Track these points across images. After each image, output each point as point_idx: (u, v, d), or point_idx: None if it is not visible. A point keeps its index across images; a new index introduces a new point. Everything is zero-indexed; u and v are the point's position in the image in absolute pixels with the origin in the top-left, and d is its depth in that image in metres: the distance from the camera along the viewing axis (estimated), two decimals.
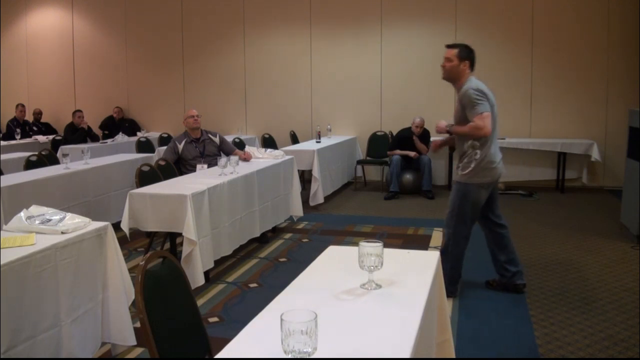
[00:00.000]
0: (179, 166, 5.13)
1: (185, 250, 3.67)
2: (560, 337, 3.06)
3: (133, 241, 4.95)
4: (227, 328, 3.24)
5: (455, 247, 3.68)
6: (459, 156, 3.67)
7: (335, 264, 2.18)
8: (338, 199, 7.18)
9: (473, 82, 3.53)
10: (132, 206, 3.85)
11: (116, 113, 9.40)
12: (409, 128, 7.40)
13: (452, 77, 3.65)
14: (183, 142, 5.22)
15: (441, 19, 8.07)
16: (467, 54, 3.62)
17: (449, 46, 3.71)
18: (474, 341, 3.06)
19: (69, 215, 2.72)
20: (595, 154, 7.22)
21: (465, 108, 3.48)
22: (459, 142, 3.66)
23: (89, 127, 7.97)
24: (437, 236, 5.27)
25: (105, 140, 8.08)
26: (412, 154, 7.28)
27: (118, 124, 9.27)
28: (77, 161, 5.31)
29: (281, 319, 1.27)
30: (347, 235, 5.32)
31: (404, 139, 7.39)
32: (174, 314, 1.87)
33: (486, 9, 7.90)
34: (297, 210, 5.53)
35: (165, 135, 8.41)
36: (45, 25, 10.05)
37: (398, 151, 7.35)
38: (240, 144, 7.14)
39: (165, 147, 5.67)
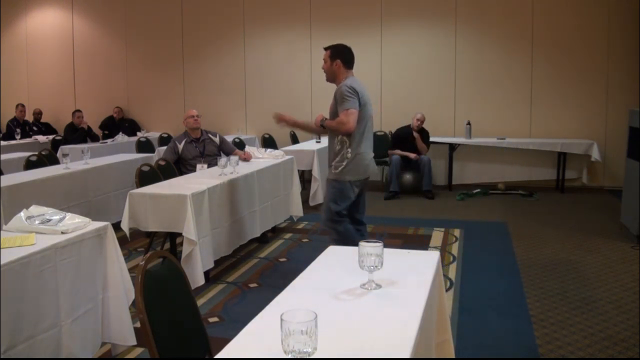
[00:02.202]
0: (179, 166, 5.13)
1: (185, 250, 3.67)
2: (560, 337, 3.06)
3: (133, 241, 4.95)
4: (227, 328, 3.24)
5: (344, 235, 3.63)
6: (330, 152, 3.71)
7: (335, 264, 2.18)
8: None
9: (349, 80, 3.60)
10: (132, 206, 3.85)
11: (116, 113, 9.40)
12: (408, 126, 7.41)
13: (329, 77, 3.74)
14: (183, 142, 5.22)
15: (441, 19, 8.07)
16: (337, 54, 3.69)
17: (324, 48, 3.78)
18: (474, 341, 3.06)
19: (69, 215, 2.72)
20: (595, 154, 7.22)
21: (337, 104, 3.56)
22: (330, 138, 3.72)
23: (89, 127, 7.97)
24: (437, 236, 5.27)
25: (105, 140, 8.08)
26: (412, 155, 7.28)
27: (118, 124, 9.27)
28: (77, 161, 5.31)
29: (281, 319, 1.27)
30: None
31: (403, 137, 7.41)
32: (174, 314, 1.87)
33: (486, 9, 7.90)
34: (297, 210, 5.53)
35: (165, 135, 8.41)
36: (45, 25, 10.04)
37: (398, 151, 7.35)
38: (240, 144, 7.14)
39: (165, 147, 5.67)
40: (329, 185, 3.70)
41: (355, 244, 3.25)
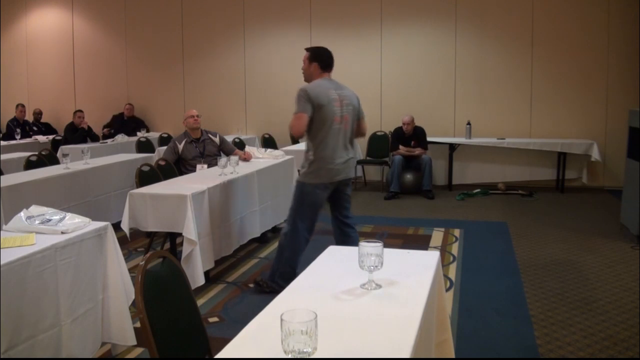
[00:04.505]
0: (179, 166, 5.13)
1: (185, 250, 3.67)
2: (560, 337, 3.06)
3: (133, 241, 4.95)
4: (227, 328, 3.24)
5: (293, 243, 3.67)
6: None
7: (335, 264, 2.18)
8: None
9: (312, 83, 3.62)
10: (132, 206, 3.85)
11: (127, 110, 9.35)
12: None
13: (307, 78, 3.77)
14: (183, 142, 5.22)
15: (441, 19, 8.07)
16: (315, 56, 3.72)
17: (305, 49, 3.81)
18: (474, 341, 3.06)
19: (69, 215, 2.72)
20: (595, 154, 7.22)
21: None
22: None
23: (89, 127, 7.97)
24: (438, 236, 5.27)
25: (105, 140, 8.08)
26: (417, 150, 7.29)
27: (127, 122, 9.24)
28: (77, 161, 5.31)
29: (281, 319, 1.27)
30: None
31: (402, 136, 7.43)
32: (174, 314, 1.87)
33: (486, 9, 7.90)
34: None
35: (165, 135, 8.41)
36: (45, 25, 10.04)
37: (402, 150, 7.35)
38: (240, 144, 7.14)
39: (165, 147, 5.67)
40: (296, 185, 3.75)
41: (292, 260, 3.31)
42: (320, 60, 3.71)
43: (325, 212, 3.88)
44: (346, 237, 3.80)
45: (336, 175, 3.64)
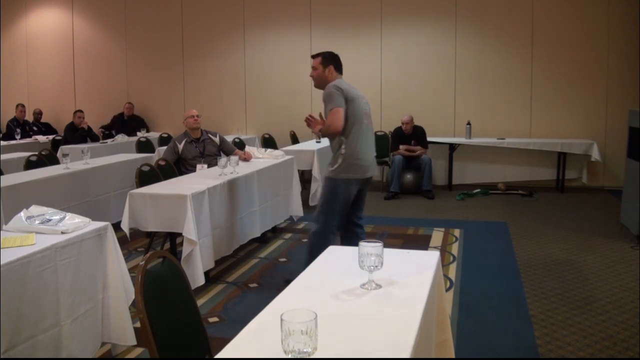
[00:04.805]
0: (179, 166, 5.13)
1: (185, 250, 3.67)
2: (560, 337, 3.06)
3: (133, 241, 4.95)
4: (227, 328, 3.24)
5: (325, 241, 3.53)
6: (332, 152, 3.68)
7: (335, 264, 2.18)
8: None
9: (337, 81, 3.59)
10: (132, 206, 3.85)
11: (127, 109, 9.36)
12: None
13: (321, 83, 3.70)
14: (183, 142, 5.22)
15: (441, 19, 8.07)
16: (329, 60, 3.69)
17: (313, 56, 3.77)
18: (474, 341, 3.06)
19: (69, 215, 2.72)
20: (595, 154, 7.22)
21: (325, 106, 3.55)
22: (330, 139, 3.67)
23: (89, 127, 7.97)
24: (437, 236, 5.27)
25: (106, 140, 8.08)
26: (417, 149, 7.29)
27: (127, 121, 9.24)
28: (77, 161, 5.30)
29: (281, 319, 1.27)
30: None
31: (402, 135, 7.43)
32: (174, 314, 1.87)
33: (486, 9, 7.90)
34: (297, 210, 5.53)
35: (165, 135, 8.41)
36: (45, 25, 10.04)
37: (402, 149, 7.35)
38: (240, 144, 7.14)
39: (165, 147, 5.67)
40: (325, 182, 3.68)
41: (323, 249, 3.23)
42: (335, 62, 3.69)
43: None
44: (355, 237, 3.74)
45: (366, 171, 3.63)
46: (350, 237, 3.75)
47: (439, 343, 2.15)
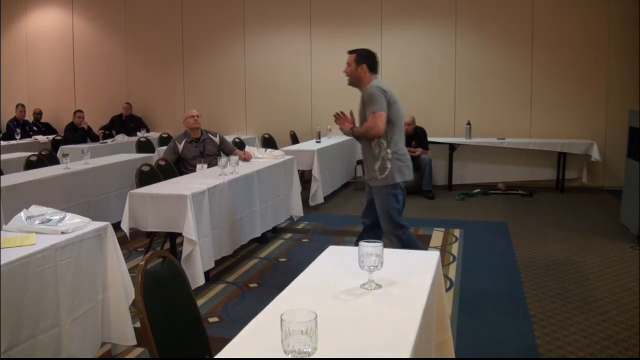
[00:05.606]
0: (179, 166, 5.13)
1: (186, 250, 3.67)
2: (560, 337, 3.06)
3: (133, 241, 4.95)
4: (227, 328, 3.24)
5: (410, 242, 3.58)
6: (368, 157, 3.61)
7: (335, 264, 2.18)
8: (338, 199, 7.18)
9: (375, 82, 3.57)
10: (132, 206, 3.85)
11: (125, 110, 9.36)
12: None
13: (354, 81, 3.67)
14: (183, 142, 5.22)
15: (441, 19, 8.07)
16: (363, 58, 3.65)
17: (349, 52, 3.75)
18: (474, 341, 3.06)
19: (69, 215, 2.72)
20: (595, 154, 7.22)
21: (365, 106, 3.51)
22: (364, 142, 3.62)
23: (89, 127, 7.97)
24: (437, 236, 5.27)
25: (105, 140, 8.08)
26: (418, 151, 7.29)
27: (125, 121, 9.24)
28: (77, 161, 5.30)
29: (281, 319, 1.27)
30: (347, 235, 5.31)
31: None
32: (174, 314, 1.87)
33: (486, 9, 7.90)
34: (297, 210, 5.53)
35: (165, 135, 8.41)
36: (45, 25, 10.04)
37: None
38: (240, 144, 7.14)
39: (165, 147, 5.67)
40: (379, 192, 3.58)
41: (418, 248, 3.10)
42: (369, 61, 3.66)
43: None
44: (376, 237, 3.75)
45: (411, 173, 3.64)
46: (368, 236, 3.71)
47: (439, 343, 2.15)
